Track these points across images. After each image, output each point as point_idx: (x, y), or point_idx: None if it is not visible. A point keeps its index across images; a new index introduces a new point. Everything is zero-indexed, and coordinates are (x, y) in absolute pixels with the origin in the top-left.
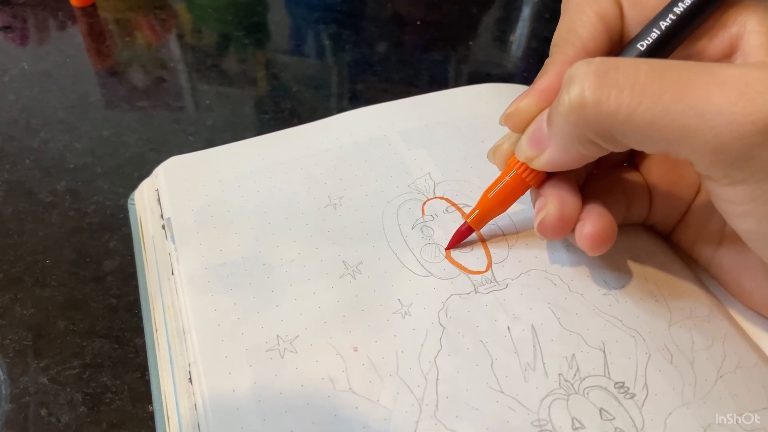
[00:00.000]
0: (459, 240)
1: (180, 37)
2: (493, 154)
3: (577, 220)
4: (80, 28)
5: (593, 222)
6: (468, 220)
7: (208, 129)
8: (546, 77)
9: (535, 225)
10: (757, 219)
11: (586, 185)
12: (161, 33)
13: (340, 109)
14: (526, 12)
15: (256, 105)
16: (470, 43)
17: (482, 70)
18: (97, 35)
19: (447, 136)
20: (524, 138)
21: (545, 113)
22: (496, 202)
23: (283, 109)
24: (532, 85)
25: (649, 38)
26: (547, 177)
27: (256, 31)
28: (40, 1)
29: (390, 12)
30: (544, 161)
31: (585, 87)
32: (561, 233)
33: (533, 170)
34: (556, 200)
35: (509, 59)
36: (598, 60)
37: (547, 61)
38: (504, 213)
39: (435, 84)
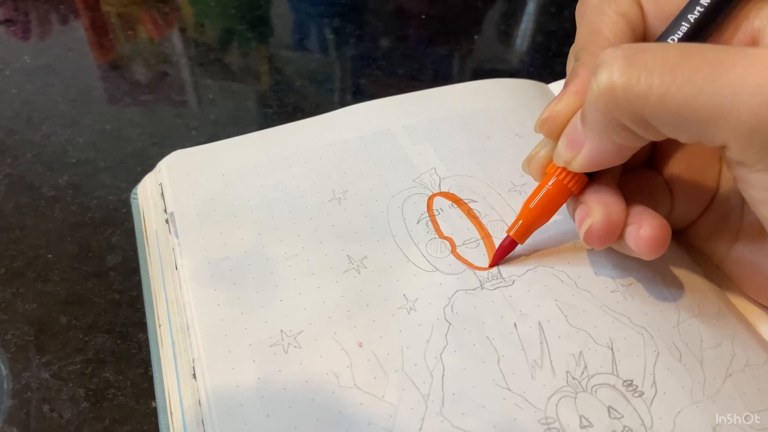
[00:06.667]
0: (502, 256)
1: (182, 31)
2: (528, 164)
3: (625, 225)
4: (83, 22)
5: (650, 224)
6: (510, 234)
7: (211, 123)
8: (578, 79)
9: (581, 234)
10: None
11: None
12: (164, 27)
13: (344, 104)
14: (531, 6)
15: (259, 99)
16: (475, 37)
17: (487, 65)
18: (99, 29)
19: (452, 131)
20: (561, 140)
21: (579, 114)
22: (538, 212)
23: (286, 103)
24: (564, 89)
25: (679, 32)
26: (587, 184)
27: (259, 25)
28: None
29: (394, 6)
30: (582, 159)
31: (613, 70)
32: (609, 239)
33: (575, 175)
34: (600, 206)
35: (514, 54)
36: (625, 45)
37: (576, 64)
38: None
39: (439, 79)
